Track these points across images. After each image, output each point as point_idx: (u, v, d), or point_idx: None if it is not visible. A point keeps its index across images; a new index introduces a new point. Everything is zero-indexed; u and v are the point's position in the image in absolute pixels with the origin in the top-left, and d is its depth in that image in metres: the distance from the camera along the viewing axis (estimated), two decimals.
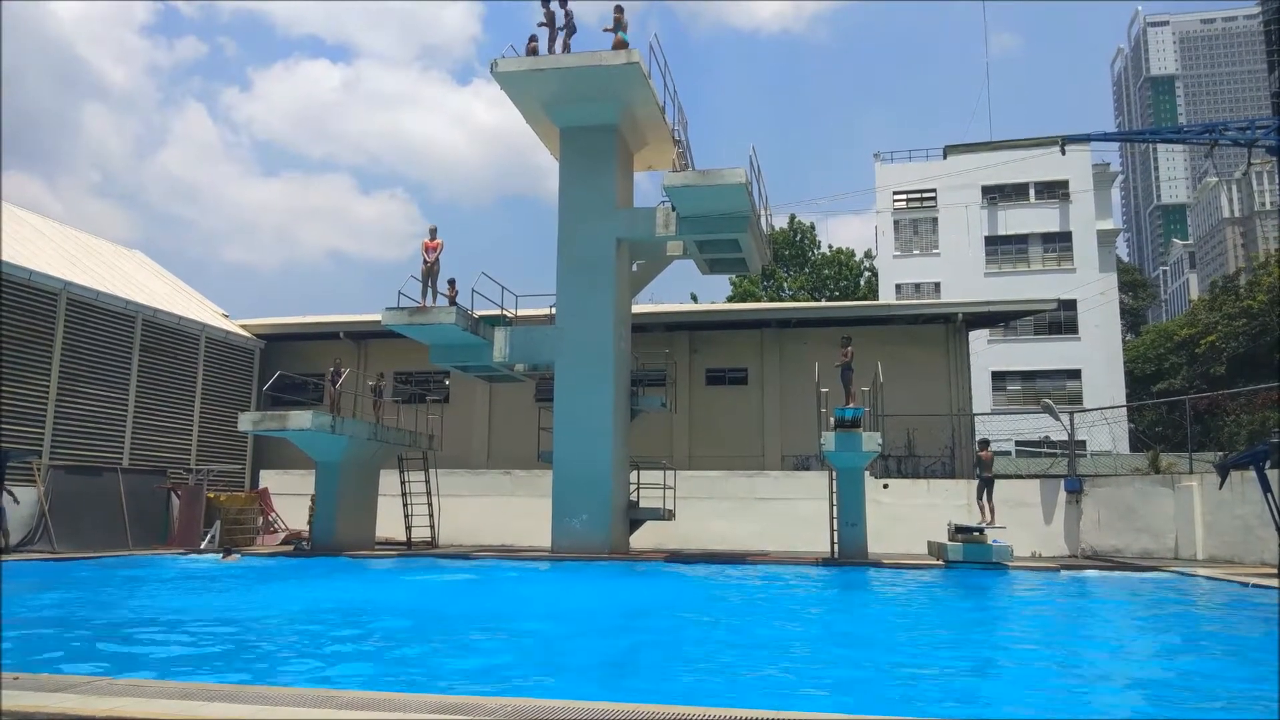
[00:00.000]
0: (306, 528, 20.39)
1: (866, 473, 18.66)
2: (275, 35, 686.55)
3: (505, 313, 21.27)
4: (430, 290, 20.07)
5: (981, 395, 40.12)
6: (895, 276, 49.81)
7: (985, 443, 19.59)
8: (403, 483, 21.20)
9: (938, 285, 48.41)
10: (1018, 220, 48.15)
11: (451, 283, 20.49)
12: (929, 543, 18.60)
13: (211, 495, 21.41)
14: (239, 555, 18.47)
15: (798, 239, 57.38)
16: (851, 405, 17.69)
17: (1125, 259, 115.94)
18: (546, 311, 21.57)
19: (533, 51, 19.75)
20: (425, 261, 20.11)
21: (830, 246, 58.18)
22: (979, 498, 18.44)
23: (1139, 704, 6.16)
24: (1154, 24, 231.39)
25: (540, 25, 19.86)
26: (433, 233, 20.34)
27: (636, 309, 23.57)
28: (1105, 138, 43.51)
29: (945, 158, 50.55)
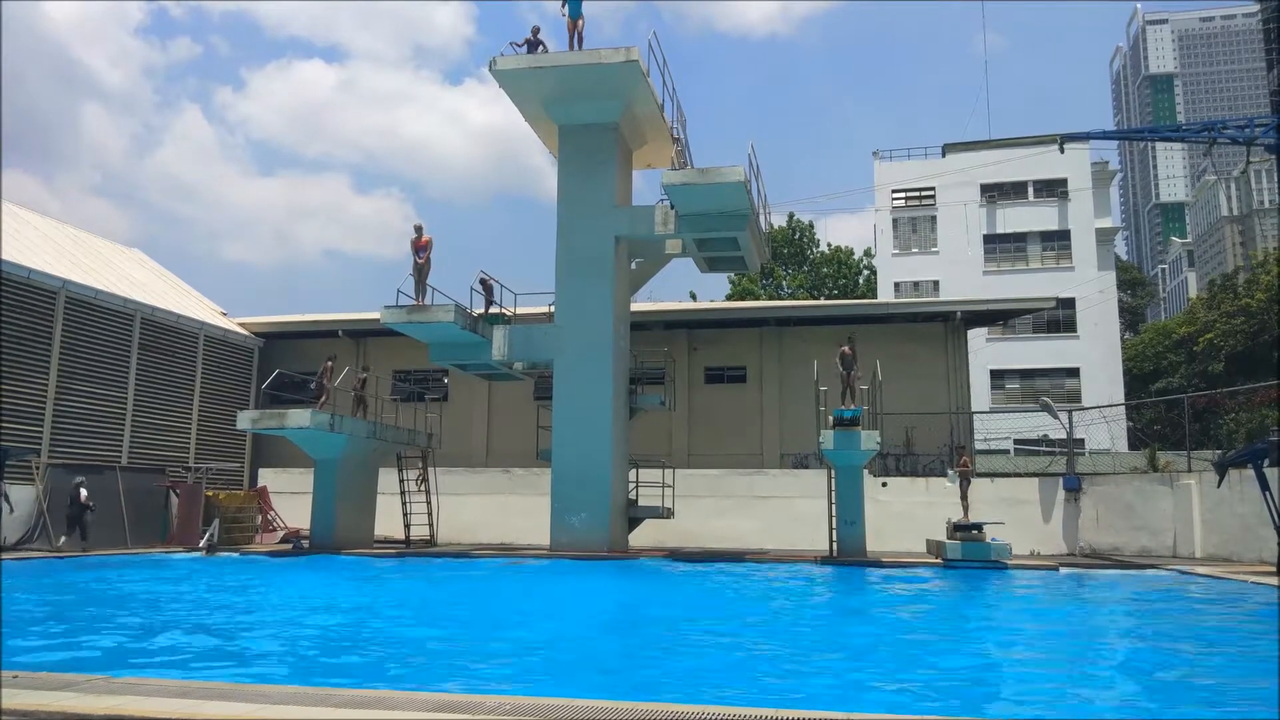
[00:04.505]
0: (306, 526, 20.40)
1: (865, 471, 18.67)
2: (266, 36, 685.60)
3: (504, 311, 21.28)
4: (424, 288, 20.02)
5: (980, 393, 40.11)
6: (894, 275, 49.81)
7: (962, 448, 19.86)
8: (401, 481, 21.20)
9: (936, 283, 48.41)
10: (1016, 218, 48.16)
11: (484, 282, 20.87)
12: (928, 541, 18.64)
13: (210, 493, 21.40)
14: (212, 548, 18.91)
15: (796, 237, 57.40)
16: (851, 406, 17.69)
17: (1124, 257, 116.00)
18: (545, 310, 21.57)
19: (534, 44, 19.77)
20: (416, 261, 20.02)
21: (829, 245, 58.23)
22: (962, 497, 18.53)
23: (1138, 702, 6.16)
24: (1153, 22, 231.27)
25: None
26: (419, 230, 20.20)
27: (635, 307, 23.57)
28: (1104, 136, 43.50)
29: (944, 156, 50.52)
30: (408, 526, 20.85)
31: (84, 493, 18.77)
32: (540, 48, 19.85)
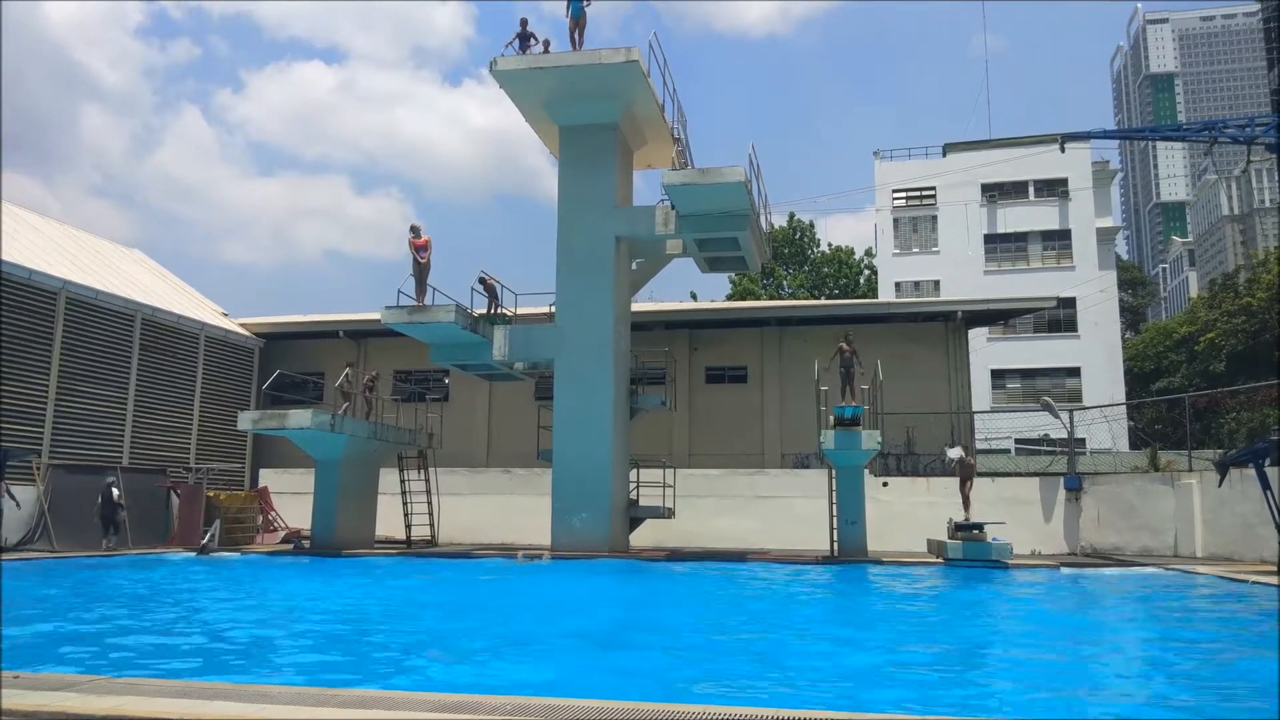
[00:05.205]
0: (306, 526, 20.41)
1: (866, 471, 18.67)
2: (266, 37, 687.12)
3: (504, 311, 21.28)
4: (424, 289, 19.99)
5: (981, 393, 40.10)
6: (895, 274, 49.79)
7: (965, 448, 20.04)
8: (402, 481, 21.20)
9: (937, 283, 48.40)
10: (1017, 218, 48.15)
11: (486, 283, 20.81)
12: (929, 540, 18.63)
13: (211, 494, 21.41)
14: (204, 549, 18.95)
15: (797, 237, 57.38)
16: (852, 403, 17.70)
17: (1125, 257, 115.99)
18: (546, 310, 21.57)
19: (525, 36, 19.77)
20: (417, 261, 19.97)
21: (830, 245, 58.20)
22: (962, 490, 18.56)
23: (1139, 701, 6.16)
24: (1153, 21, 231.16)
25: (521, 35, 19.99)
26: (416, 230, 20.12)
27: (636, 307, 23.56)
28: (1105, 135, 43.48)
29: (945, 156, 50.53)
30: (408, 527, 20.85)
31: (115, 492, 19.06)
32: (530, 39, 19.87)
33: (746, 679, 6.66)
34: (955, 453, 18.69)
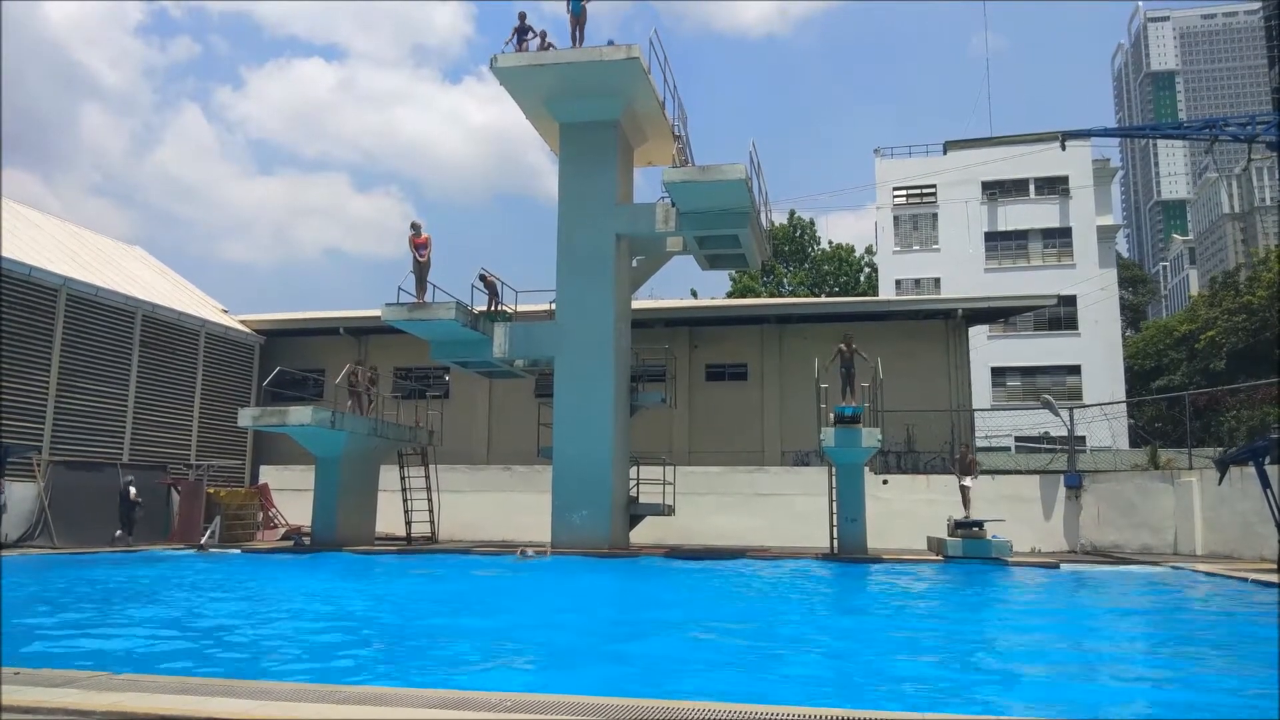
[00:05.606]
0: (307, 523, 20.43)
1: (866, 468, 18.67)
2: (266, 36, 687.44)
3: (505, 308, 21.28)
4: (425, 286, 19.96)
5: (981, 391, 40.12)
6: (895, 272, 49.79)
7: (966, 447, 20.20)
8: (403, 478, 21.20)
9: (938, 281, 48.40)
10: (1018, 216, 48.13)
11: (487, 280, 20.79)
12: (929, 538, 18.64)
13: (212, 490, 21.42)
14: (202, 547, 19.11)
15: (797, 235, 57.38)
16: (852, 403, 17.70)
17: (1125, 254, 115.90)
18: (546, 307, 21.57)
19: (523, 30, 19.75)
20: (417, 259, 19.94)
21: (830, 242, 58.19)
22: (963, 492, 18.58)
23: (1138, 701, 6.16)
24: (1154, 19, 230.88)
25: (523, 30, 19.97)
26: (416, 229, 20.09)
27: (636, 304, 23.55)
28: (1105, 133, 43.48)
29: (945, 153, 50.49)
30: (409, 524, 20.86)
31: (133, 490, 19.23)
32: (528, 33, 19.84)
33: (745, 676, 6.67)
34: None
